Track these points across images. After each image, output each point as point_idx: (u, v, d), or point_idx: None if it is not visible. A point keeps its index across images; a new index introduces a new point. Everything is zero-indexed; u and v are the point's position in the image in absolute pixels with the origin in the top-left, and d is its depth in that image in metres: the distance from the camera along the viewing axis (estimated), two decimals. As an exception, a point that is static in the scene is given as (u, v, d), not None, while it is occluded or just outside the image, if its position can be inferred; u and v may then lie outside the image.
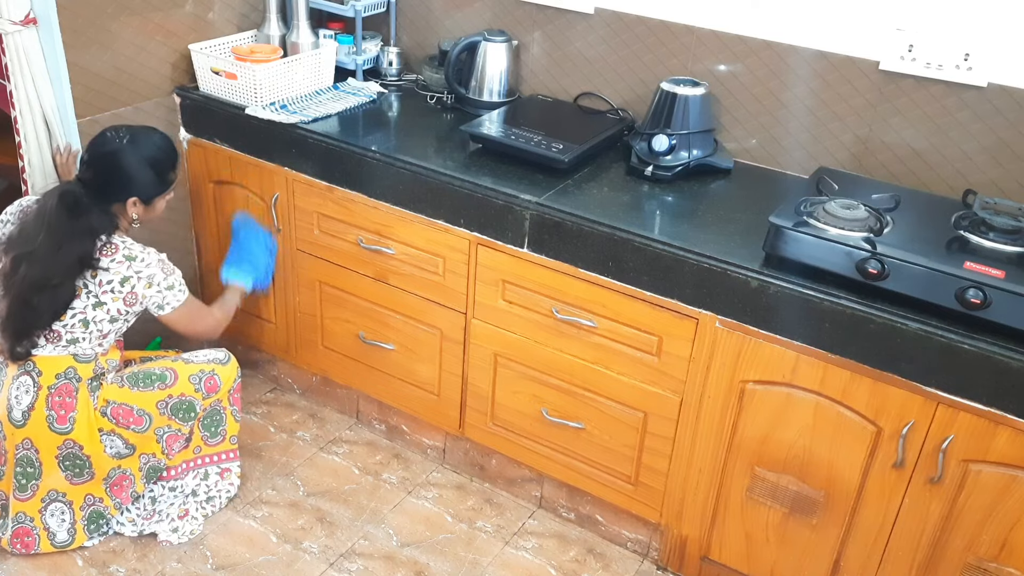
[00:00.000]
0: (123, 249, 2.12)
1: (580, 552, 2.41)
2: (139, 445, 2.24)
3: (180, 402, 2.25)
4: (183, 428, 2.28)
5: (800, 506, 2.05)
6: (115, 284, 2.11)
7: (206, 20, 2.65)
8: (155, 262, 2.15)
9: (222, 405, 2.37)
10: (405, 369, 2.55)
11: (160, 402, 2.22)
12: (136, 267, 2.12)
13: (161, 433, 2.26)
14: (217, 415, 2.37)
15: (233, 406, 2.41)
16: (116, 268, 2.10)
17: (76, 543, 2.27)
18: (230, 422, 2.41)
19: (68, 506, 2.24)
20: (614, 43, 2.49)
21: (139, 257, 2.13)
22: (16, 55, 2.24)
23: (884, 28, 2.12)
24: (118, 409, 2.19)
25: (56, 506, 2.23)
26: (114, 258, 2.10)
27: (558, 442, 2.36)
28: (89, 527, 2.27)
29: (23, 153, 2.36)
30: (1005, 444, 1.75)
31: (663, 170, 2.26)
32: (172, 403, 2.24)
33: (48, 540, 2.23)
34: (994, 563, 1.86)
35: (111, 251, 2.11)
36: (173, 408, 2.24)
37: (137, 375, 2.23)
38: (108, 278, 2.10)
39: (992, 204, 1.93)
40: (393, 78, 2.82)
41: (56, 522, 2.24)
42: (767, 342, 1.93)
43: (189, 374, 2.27)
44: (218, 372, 2.32)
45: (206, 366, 2.31)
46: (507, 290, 2.26)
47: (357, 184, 2.38)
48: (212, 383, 2.30)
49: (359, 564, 2.32)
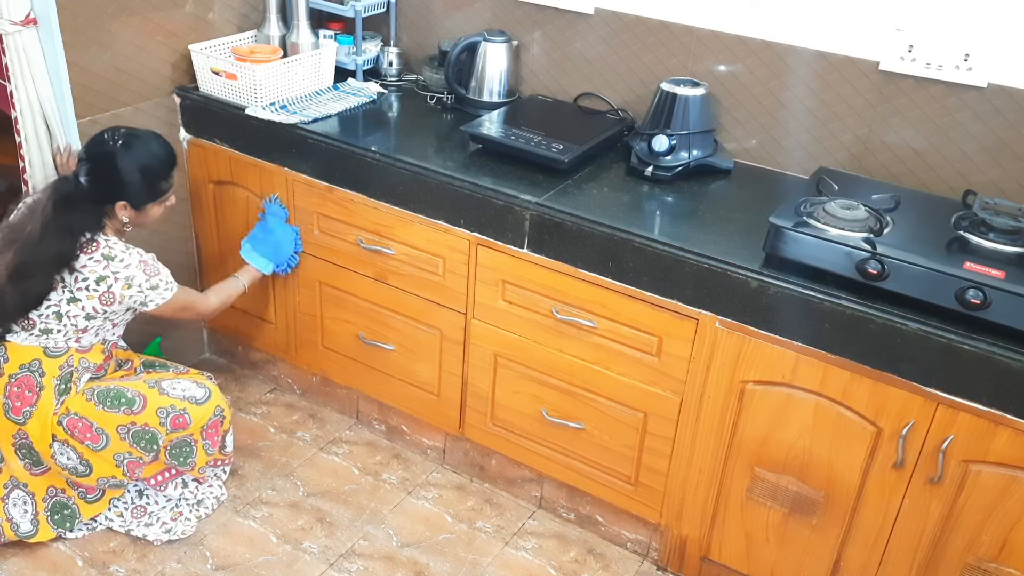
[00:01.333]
0: (103, 248, 2.10)
1: (580, 552, 2.41)
2: (96, 466, 2.19)
3: (142, 431, 2.18)
4: (144, 456, 2.21)
5: (800, 506, 2.05)
6: (90, 282, 2.09)
7: (206, 20, 2.65)
8: (135, 263, 2.11)
9: (192, 439, 2.26)
10: (405, 369, 2.55)
11: (121, 427, 2.17)
12: (114, 267, 2.09)
13: (121, 459, 2.20)
14: (187, 447, 2.26)
15: (206, 440, 2.29)
16: (92, 267, 2.09)
17: (41, 535, 2.24)
18: (200, 454, 2.29)
19: (30, 497, 2.22)
20: (614, 43, 2.49)
21: (118, 257, 2.10)
22: (16, 55, 2.24)
23: (884, 28, 2.12)
24: (76, 421, 2.15)
25: (17, 494, 2.22)
26: (92, 256, 2.09)
27: (558, 442, 2.36)
28: (53, 518, 2.25)
29: (23, 153, 2.36)
30: (1005, 444, 1.75)
31: (663, 170, 2.26)
32: (134, 431, 2.17)
33: (12, 530, 2.22)
34: (994, 563, 1.86)
35: (91, 249, 2.09)
36: (135, 436, 2.18)
37: (108, 392, 2.18)
38: (84, 275, 2.08)
39: (992, 204, 1.93)
40: (393, 78, 2.82)
41: (19, 512, 2.22)
42: (767, 342, 1.93)
43: (158, 406, 2.19)
44: (189, 411, 2.22)
45: (179, 403, 2.21)
46: (507, 290, 2.26)
47: (357, 184, 2.38)
48: (180, 421, 2.21)
49: (359, 564, 2.32)
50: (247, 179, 2.61)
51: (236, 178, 2.64)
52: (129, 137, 2.13)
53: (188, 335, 2.97)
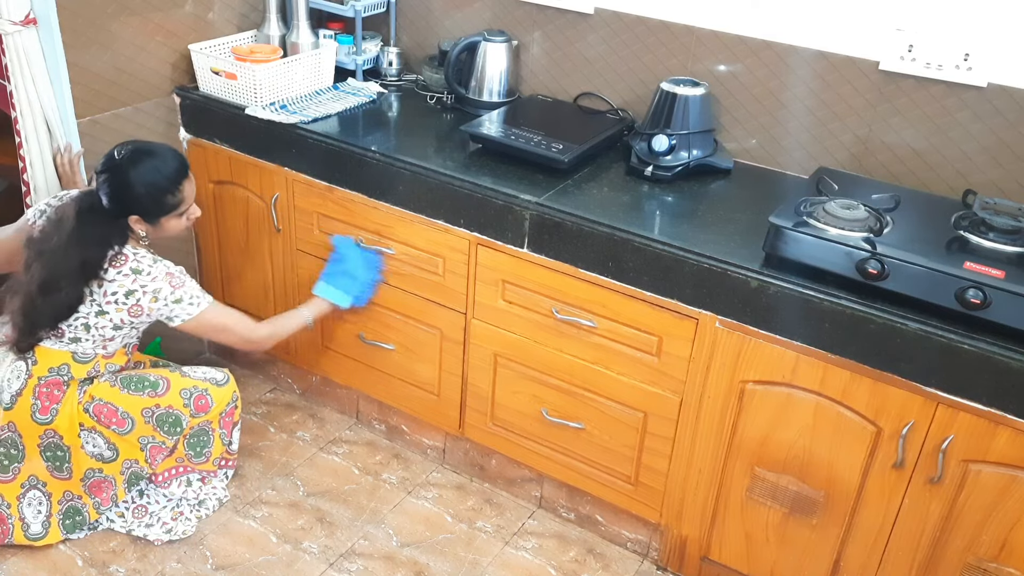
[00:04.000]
0: (131, 262, 2.11)
1: (580, 552, 2.41)
2: (122, 449, 2.24)
3: (167, 414, 2.24)
4: (167, 441, 2.27)
5: (800, 506, 2.05)
6: (119, 296, 2.10)
7: (206, 20, 2.65)
8: (162, 275, 2.13)
9: (211, 427, 2.35)
10: (405, 369, 2.55)
11: (146, 409, 2.22)
12: (142, 280, 2.11)
13: (145, 442, 2.25)
14: (204, 435, 2.35)
15: (223, 429, 2.38)
16: (121, 280, 2.10)
17: (49, 538, 2.25)
18: (217, 444, 2.38)
19: (47, 497, 2.23)
20: (614, 43, 2.49)
21: (146, 271, 2.11)
22: (16, 55, 2.24)
23: (884, 28, 2.12)
24: (102, 407, 2.19)
25: (35, 494, 2.23)
26: (121, 270, 2.10)
27: (558, 442, 2.36)
28: (64, 522, 2.26)
29: (23, 153, 2.36)
30: (1005, 444, 1.75)
31: (663, 170, 2.26)
32: (158, 413, 2.23)
33: (22, 531, 2.23)
34: (994, 563, 1.86)
35: (120, 263, 2.10)
36: (159, 419, 2.23)
37: (130, 377, 2.24)
38: (113, 289, 2.10)
39: (992, 204, 1.93)
40: (393, 78, 2.82)
41: (32, 512, 2.23)
42: (767, 342, 1.93)
43: (181, 388, 2.26)
44: (211, 392, 2.30)
45: (201, 383, 2.29)
46: (507, 290, 2.26)
47: (357, 184, 2.38)
48: (203, 402, 2.28)
49: (359, 564, 2.32)
50: (247, 179, 2.61)
51: (236, 178, 2.64)
52: (135, 152, 2.10)
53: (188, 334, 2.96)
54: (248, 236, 2.71)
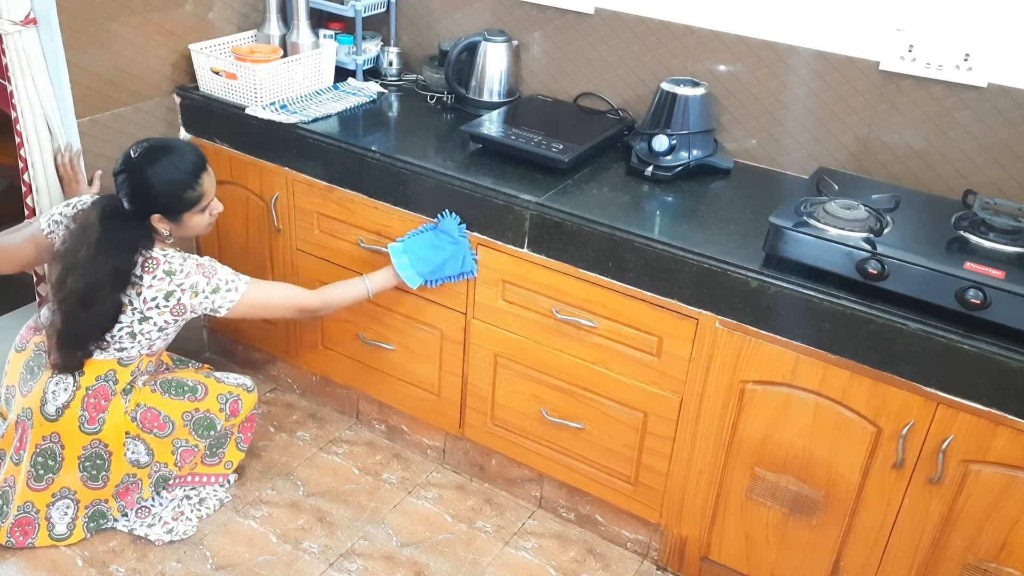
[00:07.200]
0: (163, 264, 2.10)
1: (580, 552, 2.41)
2: (157, 452, 2.27)
3: (204, 417, 2.30)
4: (199, 444, 2.32)
5: (800, 506, 2.05)
6: (159, 300, 2.10)
7: (206, 20, 2.65)
8: (193, 268, 2.11)
9: (232, 431, 2.42)
10: (405, 369, 2.55)
11: (187, 413, 2.27)
12: (177, 280, 2.10)
13: (178, 445, 2.29)
14: (223, 438, 2.41)
15: (240, 434, 2.46)
16: (158, 285, 2.09)
17: (73, 539, 2.27)
18: (231, 448, 2.45)
19: (75, 504, 2.25)
20: (614, 43, 2.49)
21: (178, 270, 2.10)
22: (16, 55, 2.24)
23: (884, 28, 2.12)
24: (147, 413, 2.22)
25: (65, 502, 2.24)
26: (155, 275, 2.09)
27: (558, 442, 2.36)
28: (88, 525, 2.28)
29: (23, 153, 2.36)
30: (1005, 444, 1.75)
31: (663, 170, 2.26)
32: (197, 417, 2.28)
33: (47, 531, 2.24)
34: (994, 563, 1.86)
35: (152, 267, 2.09)
36: (196, 422, 2.28)
37: (170, 382, 2.28)
38: (152, 295, 2.09)
39: (992, 204, 1.93)
40: (393, 78, 2.82)
41: (59, 515, 2.24)
42: (767, 342, 1.93)
43: (218, 392, 2.34)
44: (243, 398, 2.38)
45: (235, 389, 2.38)
46: (507, 290, 2.26)
47: (357, 184, 2.38)
48: (236, 407, 2.36)
49: (359, 564, 2.32)
50: (247, 179, 2.61)
51: (236, 178, 2.64)
52: (151, 150, 2.08)
53: (188, 333, 2.96)
54: (248, 236, 2.71)
